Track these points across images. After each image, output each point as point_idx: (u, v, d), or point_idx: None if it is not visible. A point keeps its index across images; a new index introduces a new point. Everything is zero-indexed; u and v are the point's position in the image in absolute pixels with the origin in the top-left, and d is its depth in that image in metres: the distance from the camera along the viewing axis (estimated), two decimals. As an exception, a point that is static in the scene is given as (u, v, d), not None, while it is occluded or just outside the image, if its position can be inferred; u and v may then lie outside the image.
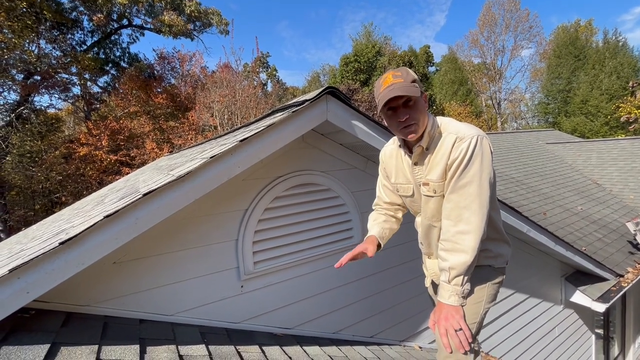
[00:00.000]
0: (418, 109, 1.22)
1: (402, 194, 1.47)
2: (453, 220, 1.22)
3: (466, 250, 1.19)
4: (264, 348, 1.68)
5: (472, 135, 1.19)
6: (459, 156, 1.18)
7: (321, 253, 2.19)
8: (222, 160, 1.57)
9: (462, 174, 1.18)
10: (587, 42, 26.35)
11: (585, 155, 8.93)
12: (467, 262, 1.19)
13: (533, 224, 3.12)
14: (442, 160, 1.23)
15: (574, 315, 4.30)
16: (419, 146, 1.27)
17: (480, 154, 1.18)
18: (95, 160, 12.36)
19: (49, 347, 1.11)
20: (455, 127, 1.25)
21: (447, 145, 1.22)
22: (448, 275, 1.23)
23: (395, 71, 1.24)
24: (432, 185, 1.28)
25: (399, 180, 1.45)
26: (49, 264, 1.16)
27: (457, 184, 1.20)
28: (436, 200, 1.31)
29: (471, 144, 1.18)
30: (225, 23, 16.13)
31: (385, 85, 1.21)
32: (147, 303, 1.62)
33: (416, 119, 1.22)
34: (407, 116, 1.21)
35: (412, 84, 1.20)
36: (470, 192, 1.18)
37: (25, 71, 11.80)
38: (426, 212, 1.38)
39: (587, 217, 5.85)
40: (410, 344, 2.61)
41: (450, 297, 1.22)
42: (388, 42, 27.91)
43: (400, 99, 1.20)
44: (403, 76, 1.21)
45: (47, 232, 2.17)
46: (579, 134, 22.45)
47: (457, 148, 1.19)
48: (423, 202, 1.38)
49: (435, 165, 1.26)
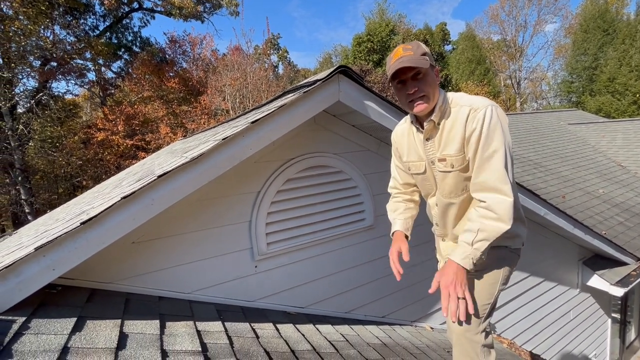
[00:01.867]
0: (427, 81, 1.20)
1: (414, 171, 1.45)
2: (487, 191, 1.19)
3: (503, 218, 1.15)
4: (277, 326, 1.73)
5: (487, 106, 1.18)
6: (476, 127, 1.17)
7: (333, 235, 2.21)
8: (234, 142, 1.58)
9: (486, 145, 1.17)
10: (617, 14, 24.61)
11: (610, 136, 8.53)
12: (502, 229, 1.16)
13: (551, 207, 3.04)
14: (459, 134, 1.21)
15: (590, 299, 4.24)
16: (431, 120, 1.25)
17: (499, 122, 1.17)
18: (112, 145, 12.67)
19: (75, 320, 1.18)
20: (468, 100, 1.24)
21: (462, 118, 1.20)
22: (474, 237, 1.18)
23: (407, 44, 1.22)
24: (449, 160, 1.26)
25: (410, 158, 1.43)
26: (72, 243, 1.21)
27: (483, 155, 1.18)
28: (454, 175, 1.28)
29: (487, 114, 1.17)
30: (235, 4, 15.83)
31: (395, 57, 1.20)
32: (166, 281, 1.68)
33: (425, 91, 1.20)
34: (416, 89, 1.19)
35: (422, 56, 1.17)
36: (498, 161, 1.17)
37: (42, 58, 12.02)
38: (443, 188, 1.35)
39: (609, 200, 5.65)
40: (421, 325, 2.64)
41: (464, 259, 1.18)
42: (402, 20, 26.87)
43: (409, 71, 1.18)
44: (413, 49, 1.19)
45: (70, 213, 2.26)
46: (604, 113, 21.34)
47: (473, 119, 1.18)
48: (439, 179, 1.35)
49: (451, 140, 1.24)
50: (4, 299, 1.11)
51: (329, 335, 1.83)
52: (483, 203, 1.20)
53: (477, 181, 1.21)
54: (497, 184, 1.17)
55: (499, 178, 1.17)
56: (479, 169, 1.20)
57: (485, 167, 1.18)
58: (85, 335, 1.12)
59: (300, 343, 1.60)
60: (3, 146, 10.52)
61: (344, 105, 1.93)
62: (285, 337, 1.62)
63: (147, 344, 1.17)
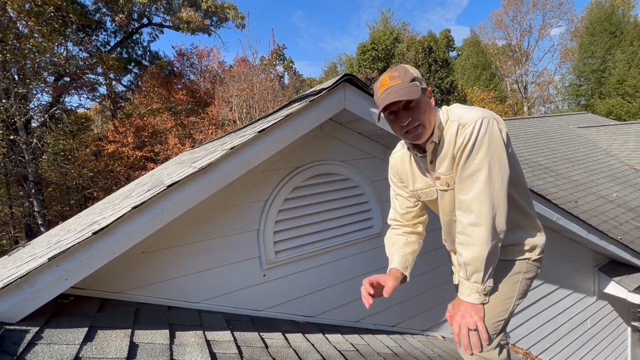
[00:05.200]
0: (421, 108, 1.13)
1: (426, 199, 1.36)
2: (464, 211, 1.15)
3: (476, 243, 1.10)
4: (287, 335, 1.71)
5: (476, 119, 1.08)
6: (462, 143, 1.10)
7: (341, 243, 2.19)
8: (242, 152, 1.59)
9: (468, 162, 1.10)
10: (624, 16, 24.40)
11: (622, 138, 8.36)
12: (481, 256, 1.11)
13: (563, 212, 2.98)
14: (449, 151, 1.15)
15: (607, 307, 4.09)
16: (432, 142, 1.19)
17: (486, 138, 1.07)
18: (122, 157, 12.92)
19: (87, 330, 1.18)
20: (458, 114, 1.15)
21: (452, 134, 1.14)
22: (465, 272, 1.16)
23: (392, 71, 1.14)
24: (443, 179, 1.22)
25: (418, 186, 1.35)
26: (84, 253, 1.23)
27: (463, 173, 1.12)
28: (451, 194, 1.24)
29: (475, 129, 1.07)
30: (241, 17, 16.20)
31: (382, 89, 1.13)
32: (175, 290, 1.69)
33: (420, 120, 1.13)
34: (410, 119, 1.12)
35: (411, 83, 1.10)
36: (478, 180, 1.08)
37: (56, 73, 12.43)
38: (444, 208, 1.32)
39: (623, 204, 5.51)
40: (433, 334, 2.59)
41: (470, 295, 1.16)
42: (406, 27, 27.13)
43: (399, 103, 1.11)
44: (400, 76, 1.11)
45: (81, 224, 2.29)
46: (615, 116, 21.00)
47: (461, 135, 1.10)
48: (439, 198, 1.30)
49: (444, 158, 1.18)
50: (19, 308, 1.12)
51: (339, 344, 1.80)
52: (460, 225, 1.17)
53: (457, 198, 1.17)
54: (473, 204, 1.10)
55: (475, 198, 1.10)
56: (458, 185, 1.16)
57: (463, 186, 1.13)
58: (96, 345, 1.12)
59: (310, 353, 1.58)
60: (18, 159, 10.81)
61: (350, 113, 1.94)
62: (294, 346, 1.60)
63: (157, 354, 1.17)
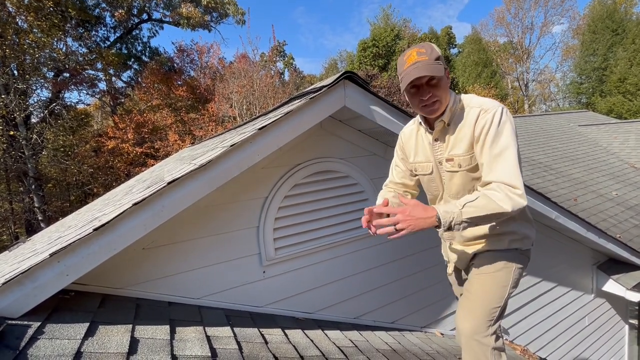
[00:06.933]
0: (441, 86, 1.21)
1: (420, 172, 1.45)
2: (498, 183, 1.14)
3: (511, 202, 1.09)
4: (286, 331, 1.73)
5: (498, 106, 1.20)
6: (485, 125, 1.18)
7: (341, 240, 2.20)
8: (242, 149, 1.60)
9: (496, 142, 1.16)
10: (626, 14, 24.26)
11: (623, 137, 8.35)
12: (502, 209, 1.08)
13: (562, 210, 2.98)
14: (468, 134, 1.23)
15: (605, 304, 4.12)
16: (441, 121, 1.27)
17: (508, 121, 1.18)
18: (122, 153, 12.91)
19: (88, 325, 1.20)
20: (479, 101, 1.25)
21: (472, 119, 1.22)
22: (468, 200, 1.12)
23: (419, 47, 1.21)
24: (457, 160, 1.28)
25: (417, 159, 1.44)
26: (85, 249, 1.24)
27: (492, 152, 1.17)
28: (462, 175, 1.30)
29: (496, 114, 1.18)
30: (241, 13, 16.09)
31: (409, 62, 1.19)
32: (175, 287, 1.70)
33: (439, 96, 1.21)
34: (430, 94, 1.20)
35: (436, 62, 1.18)
36: (509, 157, 1.15)
37: (55, 69, 12.38)
38: (450, 189, 1.36)
39: (623, 202, 5.52)
40: (431, 331, 2.61)
41: (446, 212, 1.10)
42: (407, 24, 26.99)
43: (424, 78, 1.18)
44: (427, 53, 1.18)
45: (82, 220, 2.30)
46: (616, 114, 20.94)
47: (483, 119, 1.20)
48: (446, 179, 1.36)
49: (460, 140, 1.26)
50: (21, 303, 1.13)
51: (338, 340, 1.82)
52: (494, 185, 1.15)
53: (487, 179, 1.17)
54: (511, 179, 1.13)
55: (511, 174, 1.13)
56: (489, 166, 1.18)
57: (495, 164, 1.16)
58: (97, 340, 1.14)
59: (309, 349, 1.60)
60: (17, 155, 10.80)
61: (350, 111, 1.94)
62: (294, 342, 1.61)
63: (157, 349, 1.18)
